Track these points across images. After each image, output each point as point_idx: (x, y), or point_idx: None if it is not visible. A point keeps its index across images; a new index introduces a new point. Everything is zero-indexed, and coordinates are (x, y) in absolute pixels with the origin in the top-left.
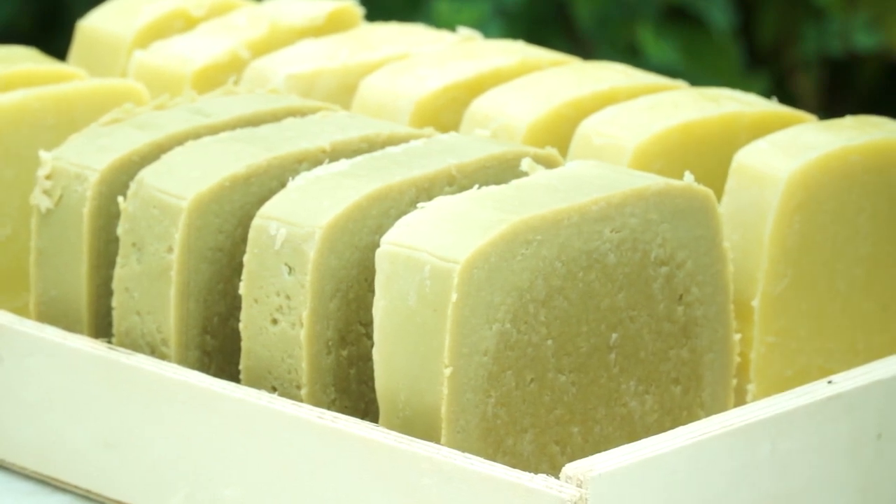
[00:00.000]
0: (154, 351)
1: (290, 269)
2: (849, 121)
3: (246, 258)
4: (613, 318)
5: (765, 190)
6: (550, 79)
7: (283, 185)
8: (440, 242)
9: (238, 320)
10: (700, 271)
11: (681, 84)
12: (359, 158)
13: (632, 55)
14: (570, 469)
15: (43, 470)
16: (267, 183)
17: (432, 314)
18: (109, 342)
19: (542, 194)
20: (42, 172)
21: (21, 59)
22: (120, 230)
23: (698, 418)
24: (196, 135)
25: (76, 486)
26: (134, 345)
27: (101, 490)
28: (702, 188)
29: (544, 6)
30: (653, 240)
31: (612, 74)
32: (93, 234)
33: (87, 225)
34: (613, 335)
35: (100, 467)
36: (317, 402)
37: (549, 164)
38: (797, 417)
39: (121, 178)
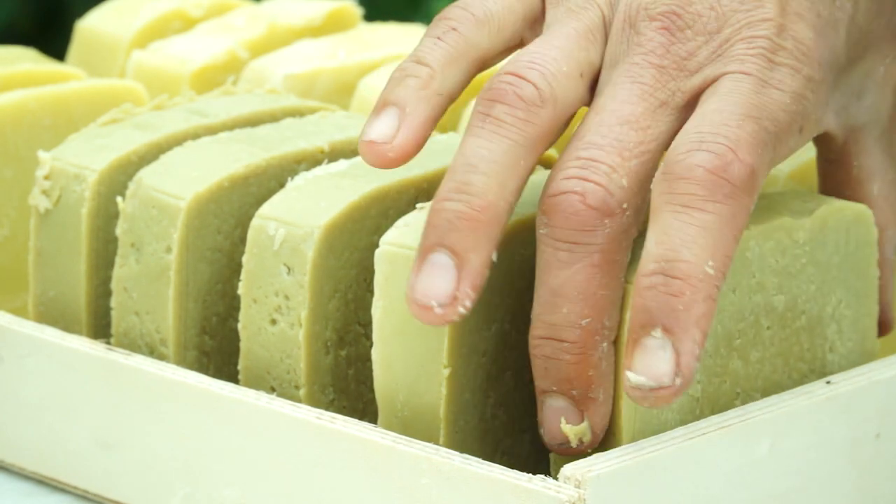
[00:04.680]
0: (153, 351)
1: (288, 269)
2: None
3: (245, 258)
4: None
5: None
6: None
7: (281, 185)
8: None
9: (237, 321)
10: None
11: None
12: (357, 159)
13: None
14: (568, 469)
15: (41, 470)
16: (265, 183)
17: None
18: (108, 342)
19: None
20: (41, 173)
21: (20, 60)
22: (118, 230)
23: None
24: (195, 135)
25: (75, 487)
26: (132, 345)
27: (99, 490)
28: None
29: None
30: None
31: None
32: (91, 234)
33: (85, 225)
34: None
35: (98, 468)
36: (315, 403)
37: (548, 163)
38: (796, 417)
39: (119, 178)
